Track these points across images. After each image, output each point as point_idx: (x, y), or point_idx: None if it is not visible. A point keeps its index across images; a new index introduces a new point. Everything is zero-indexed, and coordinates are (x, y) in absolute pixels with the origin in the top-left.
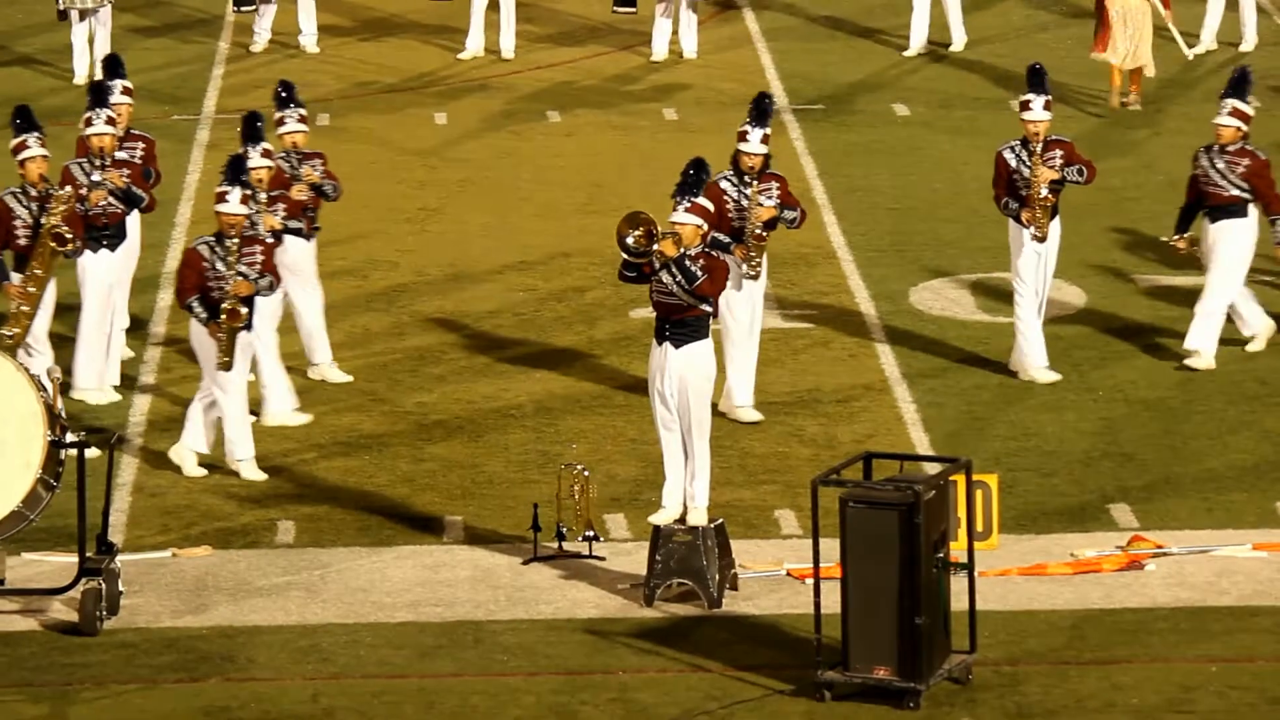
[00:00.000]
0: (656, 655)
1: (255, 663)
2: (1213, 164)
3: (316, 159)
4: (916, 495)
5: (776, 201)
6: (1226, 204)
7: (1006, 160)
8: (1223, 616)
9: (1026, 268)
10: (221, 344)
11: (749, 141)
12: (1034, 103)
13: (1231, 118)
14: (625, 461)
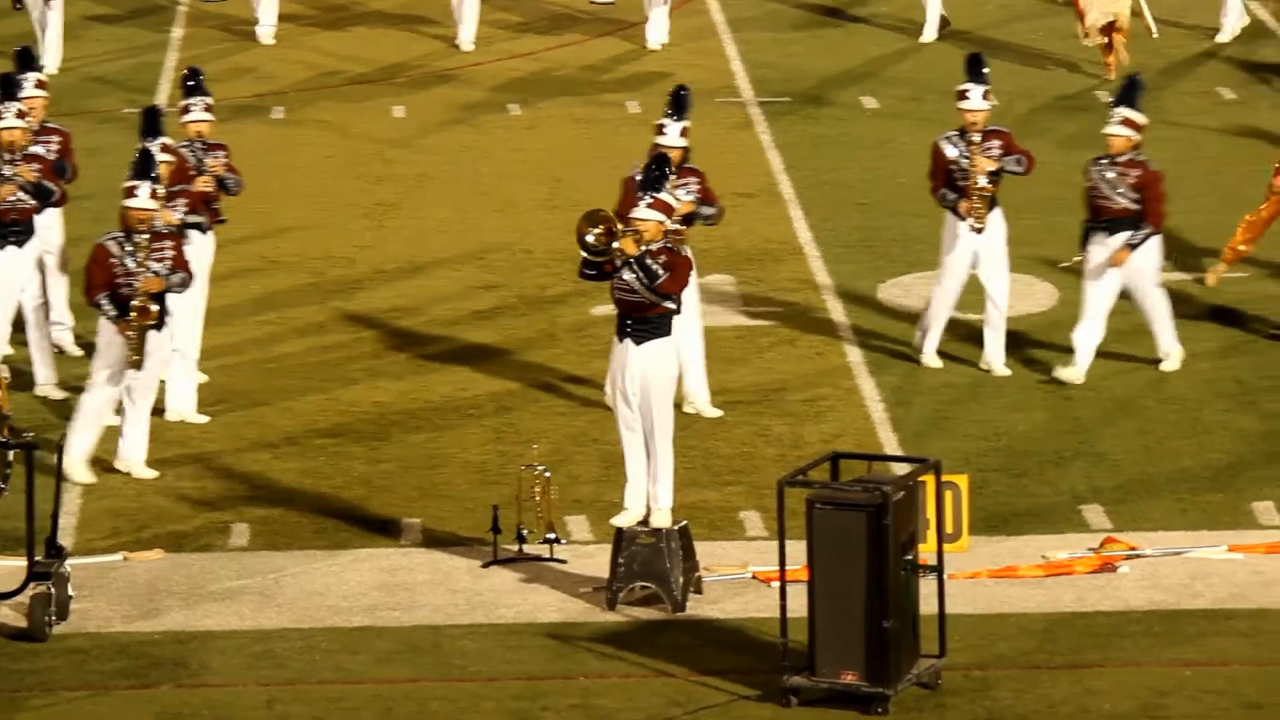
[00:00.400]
0: (619, 660)
1: (208, 669)
2: (1103, 175)
3: (220, 150)
4: (885, 496)
5: (695, 197)
6: (1118, 216)
7: (944, 151)
8: (1197, 620)
9: (958, 262)
10: (131, 342)
11: (667, 135)
12: (971, 92)
13: (1122, 127)
14: (587, 462)
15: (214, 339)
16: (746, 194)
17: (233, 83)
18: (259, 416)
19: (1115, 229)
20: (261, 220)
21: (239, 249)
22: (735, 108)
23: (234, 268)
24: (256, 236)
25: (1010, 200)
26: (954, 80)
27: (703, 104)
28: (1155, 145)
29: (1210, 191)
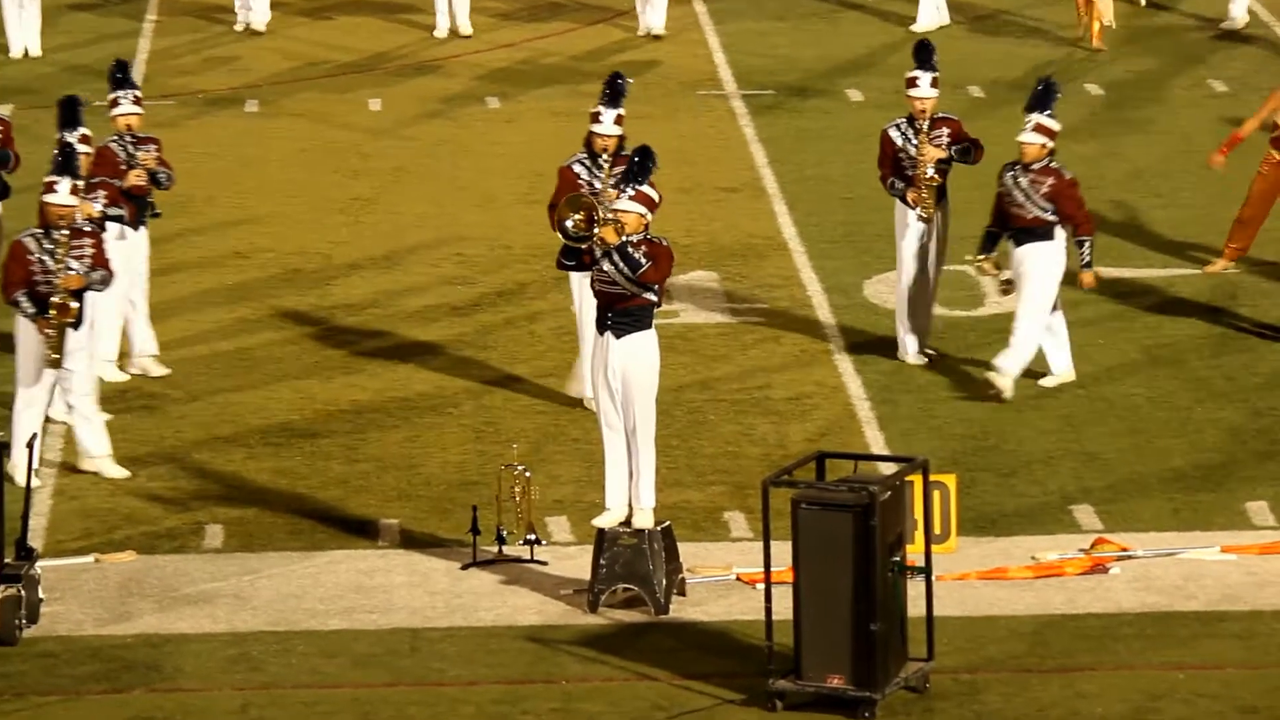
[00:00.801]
0: (601, 664)
1: (182, 672)
2: (1016, 183)
3: (152, 144)
4: (871, 496)
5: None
6: (1030, 226)
7: (892, 139)
8: (1190, 622)
9: (910, 250)
10: (50, 340)
11: (602, 123)
12: (920, 79)
13: (1036, 134)
14: (567, 462)
15: (187, 334)
16: (730, 189)
17: (206, 74)
18: (233, 415)
19: (1024, 239)
20: (235, 214)
21: (212, 243)
22: (718, 100)
23: (207, 262)
24: (230, 231)
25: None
26: (940, 73)
27: (685, 97)
28: (1148, 139)
29: (1201, 185)
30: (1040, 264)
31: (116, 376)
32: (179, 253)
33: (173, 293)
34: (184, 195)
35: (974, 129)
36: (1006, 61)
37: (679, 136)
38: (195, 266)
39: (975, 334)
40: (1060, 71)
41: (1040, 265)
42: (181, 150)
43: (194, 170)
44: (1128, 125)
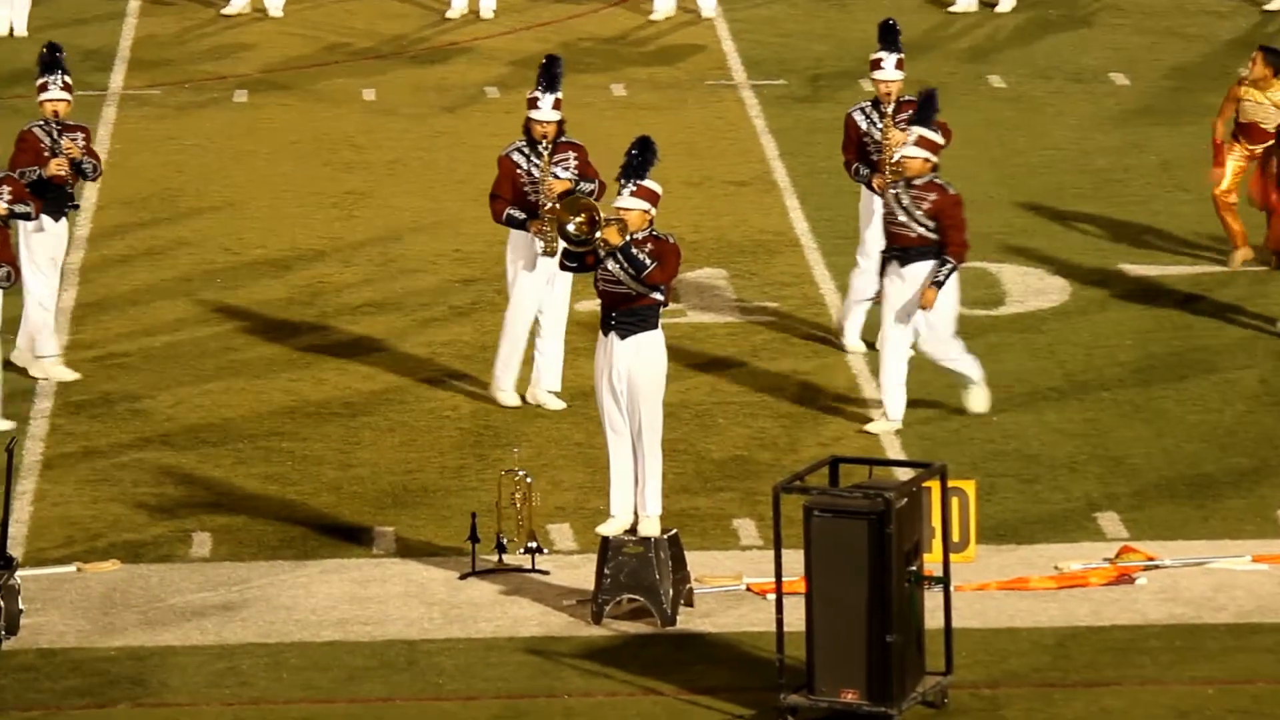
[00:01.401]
0: (605, 677)
1: (168, 687)
2: (898, 200)
3: (79, 132)
4: (887, 503)
5: (573, 174)
6: (914, 245)
7: (856, 122)
8: (1220, 634)
9: (873, 238)
10: None
11: (540, 109)
12: (885, 61)
13: (918, 148)
14: (570, 467)
15: (174, 332)
16: (739, 182)
17: (193, 63)
18: (221, 417)
19: (910, 258)
20: (224, 210)
21: (200, 238)
22: (727, 91)
23: (195, 260)
24: (218, 225)
25: (1020, 190)
26: (957, 64)
27: (693, 88)
28: (1175, 131)
29: None
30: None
31: (67, 375)
32: (166, 247)
33: (160, 289)
34: (172, 189)
35: (962, 119)
36: (993, 56)
37: (686, 128)
38: (183, 262)
39: (996, 334)
40: (1096, 56)
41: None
42: (168, 142)
43: (181, 163)
44: (1154, 117)
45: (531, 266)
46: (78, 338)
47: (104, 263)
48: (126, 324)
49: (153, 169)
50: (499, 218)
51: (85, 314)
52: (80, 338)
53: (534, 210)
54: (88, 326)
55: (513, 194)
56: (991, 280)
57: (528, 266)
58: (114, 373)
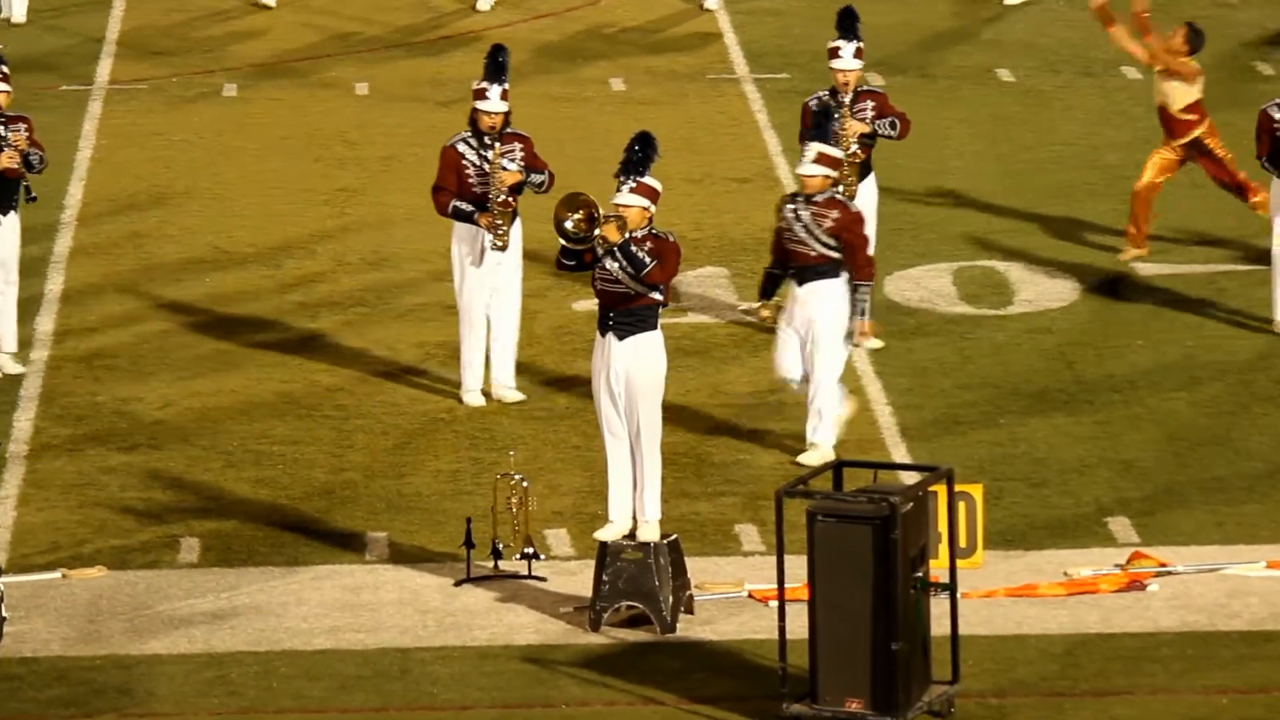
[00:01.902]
0: (603, 686)
1: (155, 696)
2: (798, 216)
3: (21, 123)
4: (893, 508)
5: (521, 165)
6: (814, 264)
7: (813, 112)
8: (1234, 642)
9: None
10: None
11: (488, 100)
12: (843, 50)
13: (817, 165)
14: (568, 470)
15: (163, 333)
16: (741, 179)
17: (180, 56)
18: (211, 420)
19: (807, 277)
20: (212, 207)
21: (189, 236)
22: (729, 85)
23: (184, 259)
24: (207, 225)
25: (1029, 187)
26: (965, 56)
27: (693, 81)
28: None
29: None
30: (828, 308)
31: (13, 369)
32: (152, 247)
33: (147, 288)
34: (159, 185)
35: (970, 114)
36: (1004, 48)
37: (687, 123)
38: (171, 261)
39: (1004, 334)
40: (1082, 50)
41: (829, 309)
42: (155, 137)
43: (169, 159)
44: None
45: (478, 261)
46: (62, 337)
47: (89, 260)
48: (113, 324)
49: (140, 164)
50: (444, 210)
51: (71, 313)
52: (65, 338)
53: (479, 202)
54: (73, 326)
55: (457, 186)
56: (999, 279)
57: (474, 261)
58: (100, 373)
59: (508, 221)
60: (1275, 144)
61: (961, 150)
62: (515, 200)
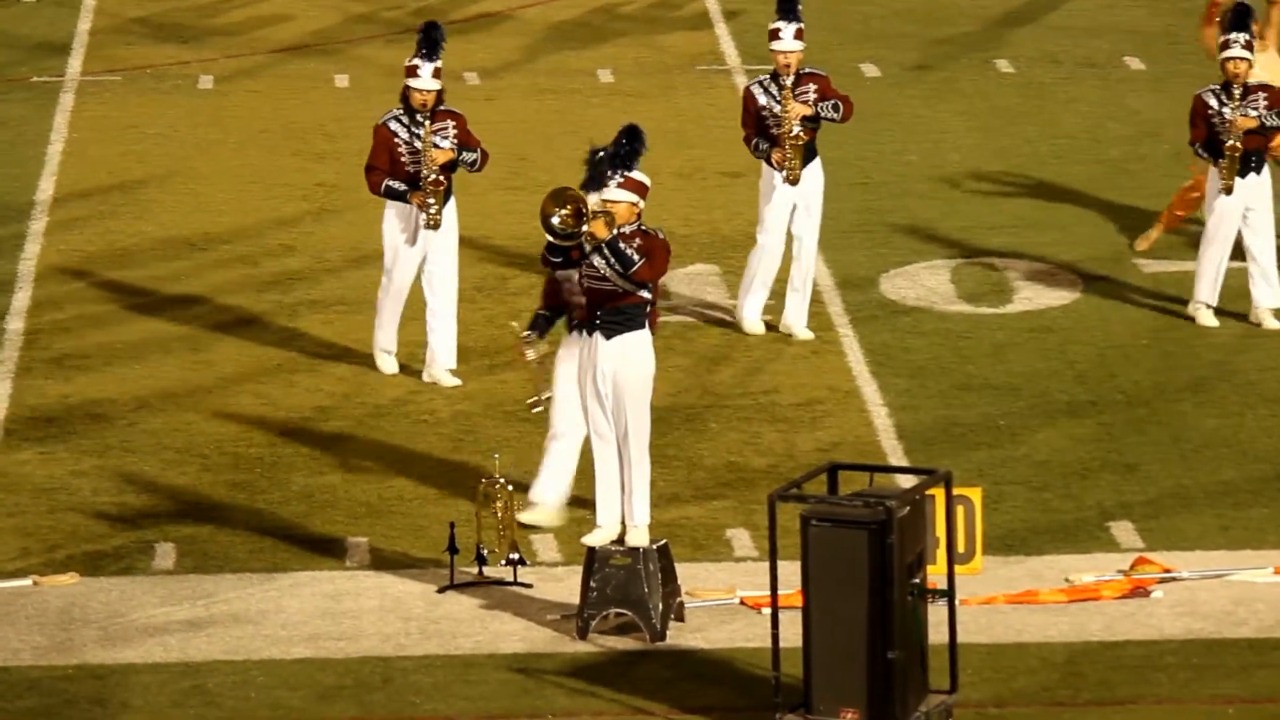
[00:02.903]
0: (591, 696)
1: (130, 707)
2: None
3: None
4: (889, 512)
5: (453, 143)
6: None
7: (755, 97)
8: (1241, 650)
9: (774, 216)
10: None
11: (420, 77)
12: (784, 31)
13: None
14: None
15: (135, 334)
16: (732, 173)
17: (155, 47)
18: (186, 423)
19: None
20: (188, 203)
21: (163, 233)
22: (720, 76)
23: (157, 255)
24: (182, 221)
25: (1029, 181)
26: (963, 47)
27: (683, 73)
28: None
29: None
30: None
31: None
32: (126, 244)
33: (120, 287)
34: (132, 181)
35: (967, 106)
36: (1004, 37)
37: (677, 116)
38: (144, 258)
39: (1004, 333)
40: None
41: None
42: (128, 131)
43: (143, 153)
44: (1170, 104)
45: (412, 240)
46: (33, 337)
47: (61, 258)
48: (85, 324)
49: (112, 159)
50: (377, 189)
51: (41, 313)
52: (36, 338)
53: (413, 181)
54: (44, 326)
55: (390, 164)
56: (999, 276)
57: (409, 240)
58: (72, 375)
59: (440, 200)
60: (1210, 130)
61: (960, 143)
62: (448, 179)
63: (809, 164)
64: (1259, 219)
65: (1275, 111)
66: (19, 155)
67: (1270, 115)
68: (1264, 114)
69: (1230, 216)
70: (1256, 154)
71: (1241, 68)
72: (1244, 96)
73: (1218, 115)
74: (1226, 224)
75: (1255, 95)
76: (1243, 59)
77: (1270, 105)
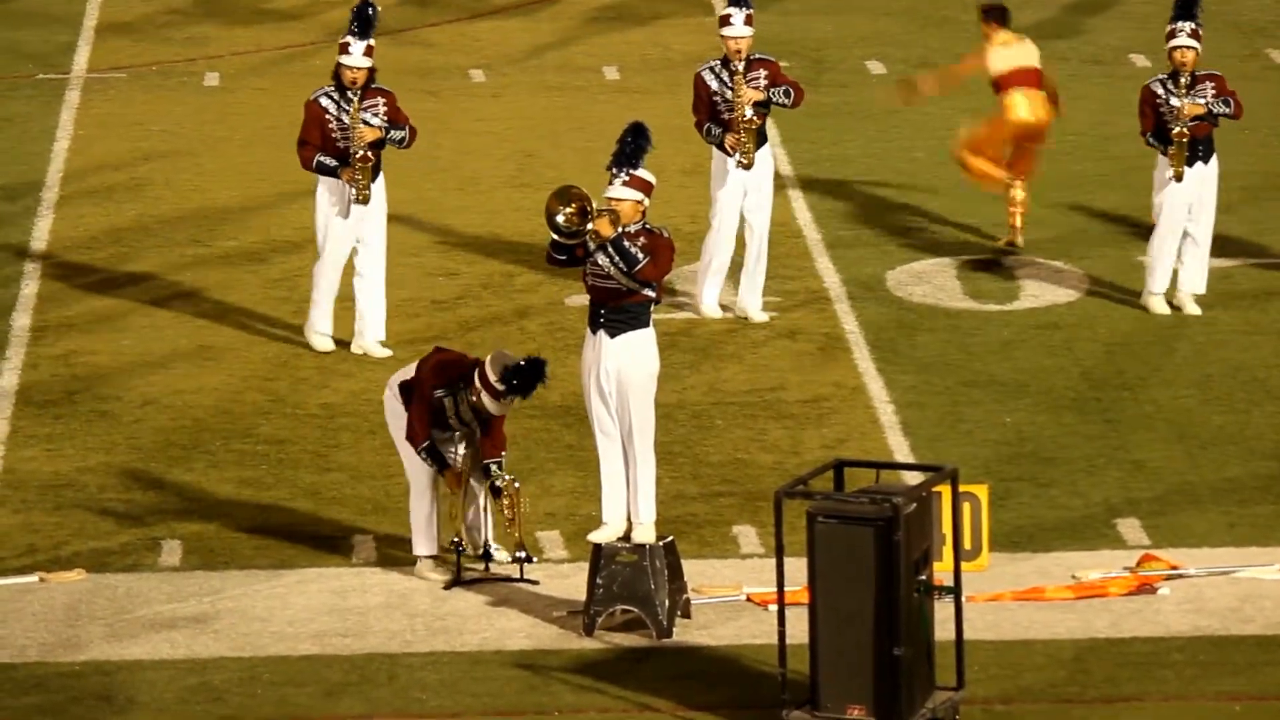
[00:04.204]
0: (598, 693)
1: (136, 703)
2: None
3: None
4: (895, 509)
5: (383, 120)
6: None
7: (707, 82)
8: (1247, 647)
9: (728, 201)
10: None
11: (351, 54)
12: (734, 17)
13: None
14: (561, 471)
15: (142, 330)
16: None
17: (161, 45)
18: (193, 419)
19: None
20: (194, 200)
21: (169, 231)
22: None
23: (164, 253)
24: (188, 219)
25: (1036, 178)
26: (969, 44)
27: (688, 69)
28: None
29: (1255, 166)
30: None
31: None
32: (133, 240)
33: (127, 283)
34: (139, 178)
35: (974, 103)
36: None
37: (682, 113)
38: (151, 254)
39: (1010, 330)
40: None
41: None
42: (135, 127)
43: (149, 150)
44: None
45: (345, 214)
46: (39, 333)
47: (67, 255)
48: (91, 320)
49: (119, 156)
50: (308, 165)
51: (48, 309)
52: (43, 333)
53: (343, 157)
54: (51, 322)
55: (321, 140)
56: (1006, 273)
57: (341, 214)
58: (79, 371)
59: (368, 176)
60: (1159, 120)
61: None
62: (377, 155)
63: (759, 149)
64: (1201, 207)
65: (1222, 99)
66: (25, 151)
67: (1217, 103)
68: (1211, 102)
69: (1180, 205)
70: (1205, 142)
71: (1188, 56)
72: (1191, 86)
73: (1165, 104)
74: (1177, 212)
75: (1203, 84)
76: (1189, 48)
77: (1218, 94)
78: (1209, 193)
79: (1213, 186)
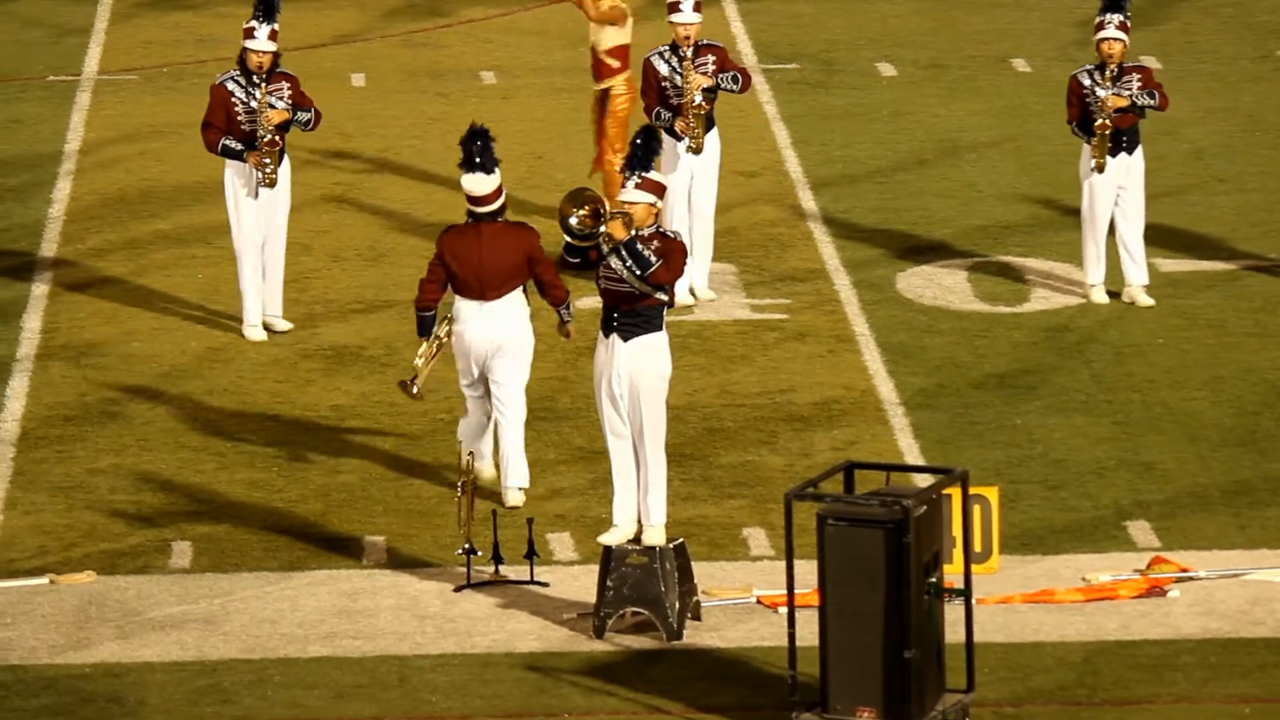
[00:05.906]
0: (608, 695)
1: (146, 705)
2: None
3: None
4: (905, 511)
5: (288, 103)
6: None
7: (656, 68)
8: (1258, 650)
9: (676, 185)
10: None
11: (256, 39)
12: (683, 4)
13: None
14: (571, 472)
15: (153, 334)
16: (749, 173)
17: (169, 47)
18: (203, 421)
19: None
20: (204, 201)
21: (178, 234)
22: None
23: (172, 255)
24: (197, 221)
25: (1046, 180)
26: (980, 45)
27: None
28: (1210, 117)
29: (1269, 168)
30: (651, 358)
31: None
32: (144, 241)
33: (138, 285)
34: (150, 179)
35: (985, 105)
36: (1020, 36)
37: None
38: (162, 257)
39: (1021, 332)
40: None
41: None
42: (146, 130)
43: (160, 152)
44: (1187, 103)
45: (254, 195)
46: (50, 335)
47: (78, 257)
48: (102, 321)
49: (130, 158)
50: (213, 148)
51: (59, 311)
52: (53, 335)
53: (249, 140)
54: (61, 324)
55: (226, 124)
56: (1016, 276)
57: (250, 195)
58: (89, 373)
59: (275, 159)
60: (1085, 110)
61: (978, 142)
62: (282, 138)
63: (708, 133)
64: (1128, 198)
65: (1147, 91)
66: (35, 154)
67: (1142, 95)
68: (1136, 94)
69: (1104, 195)
70: (1129, 133)
71: (1115, 48)
72: (1118, 77)
73: (1091, 94)
74: (1101, 202)
75: (1129, 76)
76: (1117, 39)
77: (1143, 86)
78: (1135, 185)
79: (1139, 178)
